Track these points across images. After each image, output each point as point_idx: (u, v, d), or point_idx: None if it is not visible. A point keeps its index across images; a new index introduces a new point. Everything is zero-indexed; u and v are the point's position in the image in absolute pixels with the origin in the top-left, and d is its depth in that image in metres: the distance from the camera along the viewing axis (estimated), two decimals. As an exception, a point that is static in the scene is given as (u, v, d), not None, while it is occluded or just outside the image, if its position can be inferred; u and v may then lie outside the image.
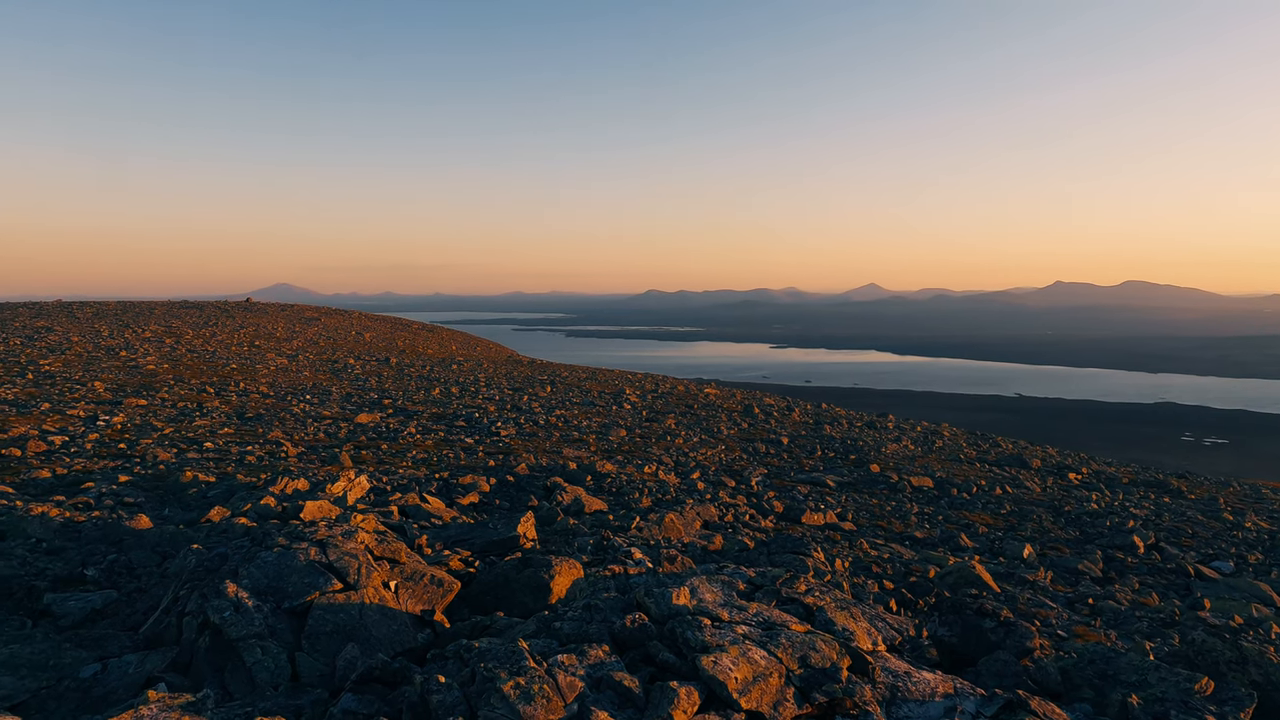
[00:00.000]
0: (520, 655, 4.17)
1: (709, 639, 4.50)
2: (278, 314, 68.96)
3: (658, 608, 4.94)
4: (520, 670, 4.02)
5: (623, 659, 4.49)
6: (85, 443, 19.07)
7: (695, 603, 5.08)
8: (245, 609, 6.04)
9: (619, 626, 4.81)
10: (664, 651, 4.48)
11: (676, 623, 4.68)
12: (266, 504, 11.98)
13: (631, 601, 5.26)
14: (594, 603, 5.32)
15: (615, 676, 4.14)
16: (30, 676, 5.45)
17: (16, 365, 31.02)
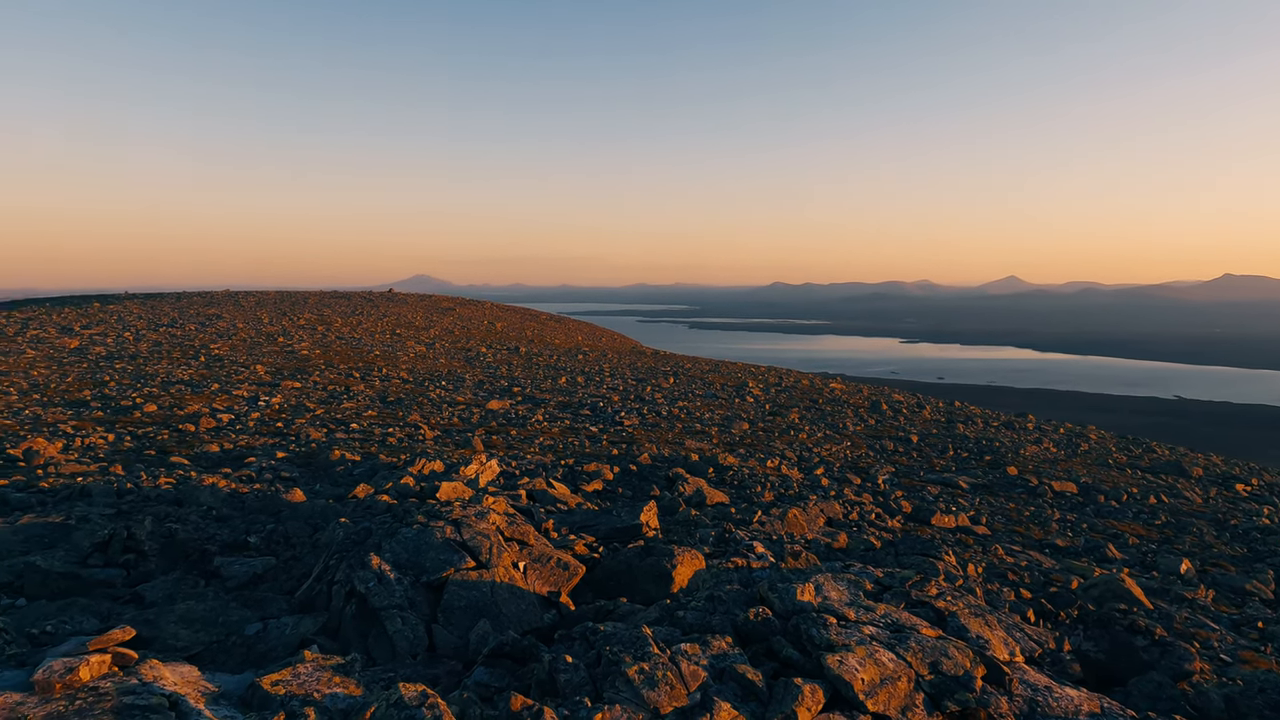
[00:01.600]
0: (645, 641, 4.24)
1: (834, 637, 4.42)
2: (417, 304, 72.67)
3: (781, 603, 4.90)
4: (644, 656, 4.09)
5: (745, 652, 4.48)
6: (248, 420, 20.79)
7: (820, 600, 4.99)
8: (387, 581, 6.43)
9: (742, 619, 4.80)
10: (788, 647, 4.44)
11: (801, 619, 4.62)
12: (406, 483, 12.67)
13: (755, 595, 5.23)
14: (717, 594, 5.33)
15: (738, 669, 4.14)
16: (203, 631, 6.02)
17: (191, 349, 34.16)
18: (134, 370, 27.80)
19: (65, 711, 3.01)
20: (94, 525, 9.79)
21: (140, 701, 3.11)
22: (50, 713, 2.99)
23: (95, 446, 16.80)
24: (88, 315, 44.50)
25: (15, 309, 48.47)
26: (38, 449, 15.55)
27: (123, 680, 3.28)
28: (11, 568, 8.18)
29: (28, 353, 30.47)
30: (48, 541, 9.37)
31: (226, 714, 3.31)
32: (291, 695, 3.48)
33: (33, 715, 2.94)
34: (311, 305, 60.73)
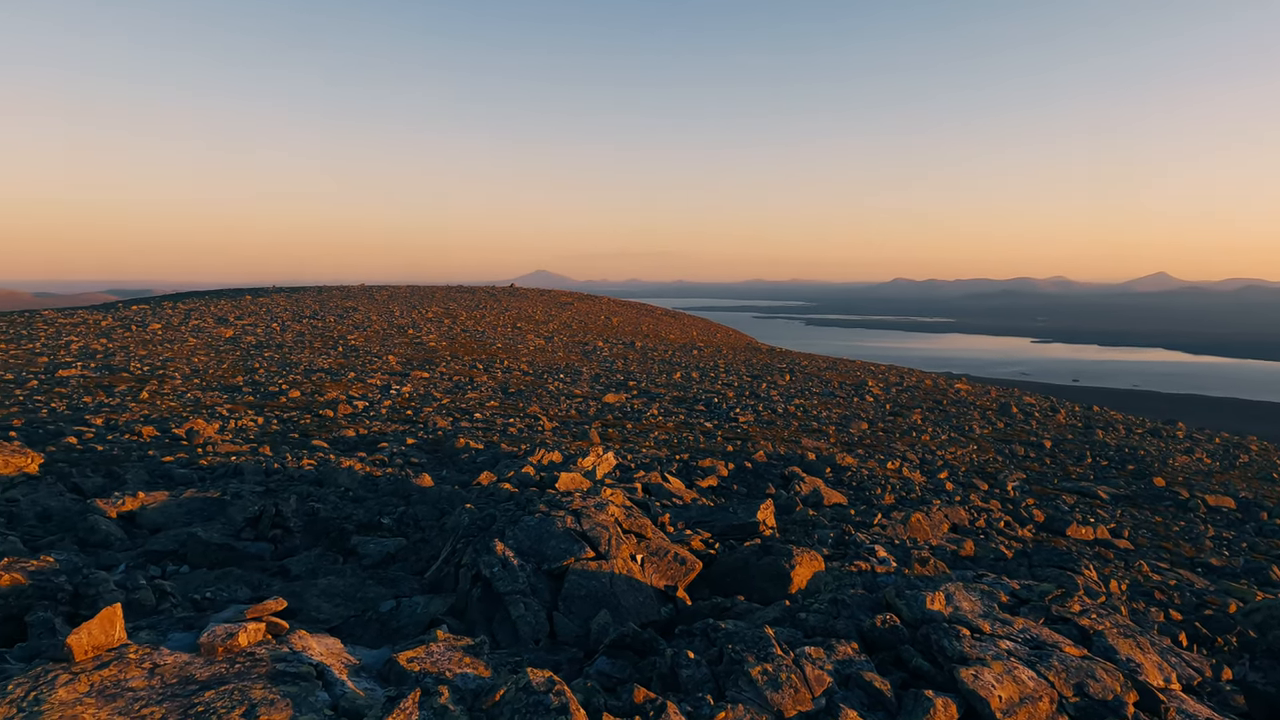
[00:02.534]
0: (767, 642, 4.17)
1: (968, 650, 4.20)
2: (537, 299, 74.64)
3: (909, 611, 4.71)
4: (767, 656, 4.02)
5: (872, 659, 4.34)
6: (381, 408, 21.93)
7: (951, 610, 4.77)
8: (511, 567, 6.61)
9: (868, 625, 4.64)
10: (917, 657, 4.26)
11: (931, 629, 4.42)
12: (526, 472, 13.02)
13: (880, 601, 5.05)
14: (840, 598, 5.18)
15: (865, 676, 4.01)
16: (343, 605, 6.38)
17: (330, 339, 36.34)
18: (280, 359, 29.83)
19: (226, 674, 3.26)
20: (246, 501, 10.56)
21: (291, 669, 3.32)
22: (213, 674, 3.24)
23: (246, 428, 18.14)
24: (240, 307, 48.12)
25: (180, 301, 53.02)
26: (198, 429, 16.94)
27: (275, 648, 3.52)
28: (176, 537, 8.94)
29: (189, 341, 33.24)
30: (206, 515, 10.19)
31: (366, 686, 3.48)
32: (425, 672, 3.63)
33: (199, 674, 3.20)
34: (439, 299, 63.43)
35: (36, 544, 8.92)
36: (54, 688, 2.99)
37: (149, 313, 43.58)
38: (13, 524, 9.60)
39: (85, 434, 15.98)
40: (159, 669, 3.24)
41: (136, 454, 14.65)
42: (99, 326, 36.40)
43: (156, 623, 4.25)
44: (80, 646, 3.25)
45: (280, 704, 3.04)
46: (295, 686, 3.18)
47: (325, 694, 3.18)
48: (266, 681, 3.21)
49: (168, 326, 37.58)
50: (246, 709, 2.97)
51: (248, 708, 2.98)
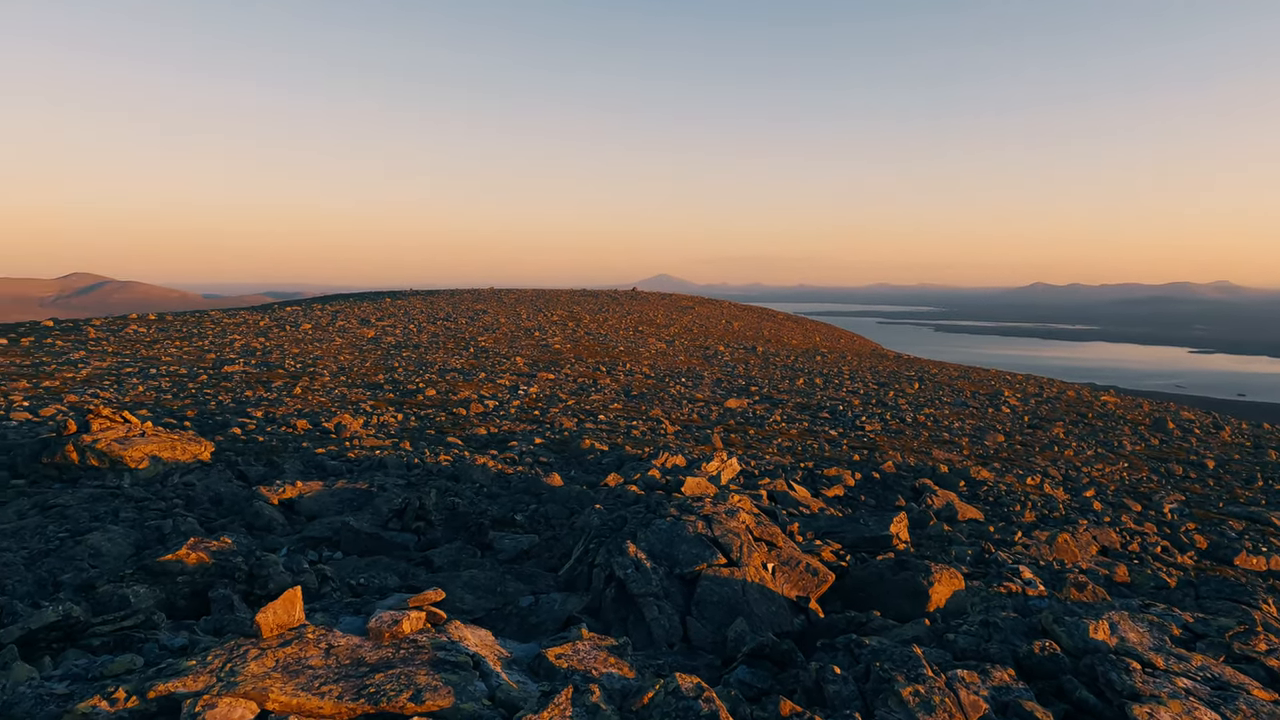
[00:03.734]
0: (917, 661, 4.03)
1: (1139, 685, 3.91)
2: (658, 302, 75.24)
3: (1070, 639, 4.42)
4: (918, 677, 3.88)
5: (1030, 688, 4.10)
6: (510, 408, 22.69)
7: (1117, 641, 4.45)
8: (644, 569, 6.68)
9: (1024, 652, 4.40)
10: (1081, 689, 4.00)
11: (1096, 660, 4.14)
12: (652, 475, 13.14)
13: (1036, 626, 4.78)
14: (991, 620, 4.94)
15: (1025, 705, 3.80)
16: (485, 598, 6.64)
17: (463, 340, 37.94)
18: (417, 358, 31.37)
19: (392, 658, 3.46)
20: (390, 494, 11.17)
21: (450, 658, 3.49)
22: (381, 658, 3.46)
23: (387, 424, 19.18)
24: (381, 309, 50.97)
25: (327, 303, 56.72)
26: (345, 424, 18.06)
27: (435, 637, 3.71)
28: (330, 525, 9.56)
29: (336, 340, 35.49)
30: (356, 505, 10.84)
31: (519, 679, 3.61)
32: (573, 670, 3.73)
33: (369, 657, 3.42)
34: (563, 302, 65.02)
35: (211, 526, 9.75)
36: (246, 661, 3.27)
37: (300, 314, 46.82)
38: (190, 506, 10.54)
39: (248, 425, 17.35)
40: (334, 650, 3.48)
41: (292, 445, 15.76)
42: (257, 326, 39.43)
43: (328, 605, 4.57)
44: (267, 624, 3.54)
45: (443, 691, 3.19)
46: (455, 675, 3.33)
47: (483, 684, 3.32)
48: (429, 668, 3.38)
49: (317, 327, 40.26)
50: (413, 693, 3.15)
51: (414, 692, 3.15)
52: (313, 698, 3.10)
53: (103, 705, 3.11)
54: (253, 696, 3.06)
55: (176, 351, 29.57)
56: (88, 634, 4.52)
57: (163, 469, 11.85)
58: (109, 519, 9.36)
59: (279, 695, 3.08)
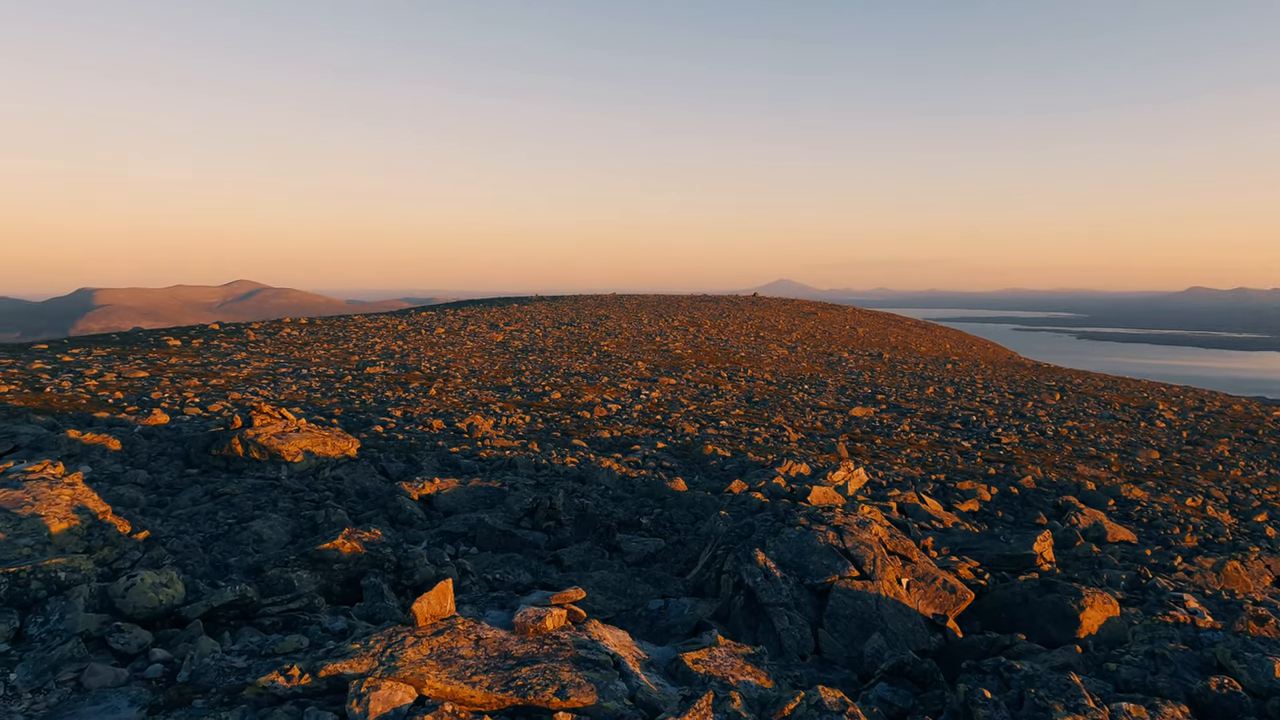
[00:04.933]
0: (1076, 690, 3.79)
1: (1337, 734, 3.53)
2: (779, 308, 74.27)
3: (1253, 677, 4.04)
4: (1078, 708, 3.65)
5: (1206, 727, 3.78)
6: (632, 412, 22.97)
7: (1307, 682, 4.03)
8: (773, 578, 6.61)
9: (1199, 688, 4.05)
10: (1268, 734, 3.64)
11: (1285, 702, 3.76)
12: (777, 483, 12.97)
13: (1210, 661, 4.39)
14: (1158, 651, 4.58)
15: (1200, 746, 3.51)
16: (615, 599, 6.75)
17: (586, 345, 38.74)
18: (543, 362, 32.28)
19: (537, 653, 3.58)
20: (521, 493, 11.54)
21: (591, 656, 3.58)
22: (526, 652, 3.58)
23: (516, 426, 19.83)
24: (508, 314, 52.78)
25: (459, 308, 59.26)
26: (476, 424, 18.80)
27: (576, 635, 3.81)
28: (466, 521, 9.98)
29: (467, 344, 37.02)
30: (489, 502, 11.26)
31: (657, 681, 3.66)
32: (710, 675, 3.74)
33: (515, 651, 3.56)
34: (683, 308, 65.25)
35: (358, 518, 10.38)
36: (404, 648, 3.47)
37: (435, 318, 49.13)
38: (339, 498, 11.26)
39: (389, 424, 18.35)
40: (482, 642, 3.63)
41: (429, 444, 16.55)
42: (396, 330, 41.65)
43: (474, 599, 4.78)
44: (422, 614, 3.75)
45: (586, 688, 3.28)
46: (597, 674, 3.41)
47: (623, 684, 3.39)
48: (572, 665, 3.48)
49: (450, 331, 42.12)
50: (558, 689, 3.24)
51: (559, 688, 3.25)
52: (465, 686, 3.25)
53: (279, 681, 3.38)
54: (411, 681, 3.25)
55: (324, 353, 31.64)
56: (259, 613, 4.91)
57: (315, 463, 12.71)
58: (269, 508, 10.12)
59: (434, 682, 3.25)
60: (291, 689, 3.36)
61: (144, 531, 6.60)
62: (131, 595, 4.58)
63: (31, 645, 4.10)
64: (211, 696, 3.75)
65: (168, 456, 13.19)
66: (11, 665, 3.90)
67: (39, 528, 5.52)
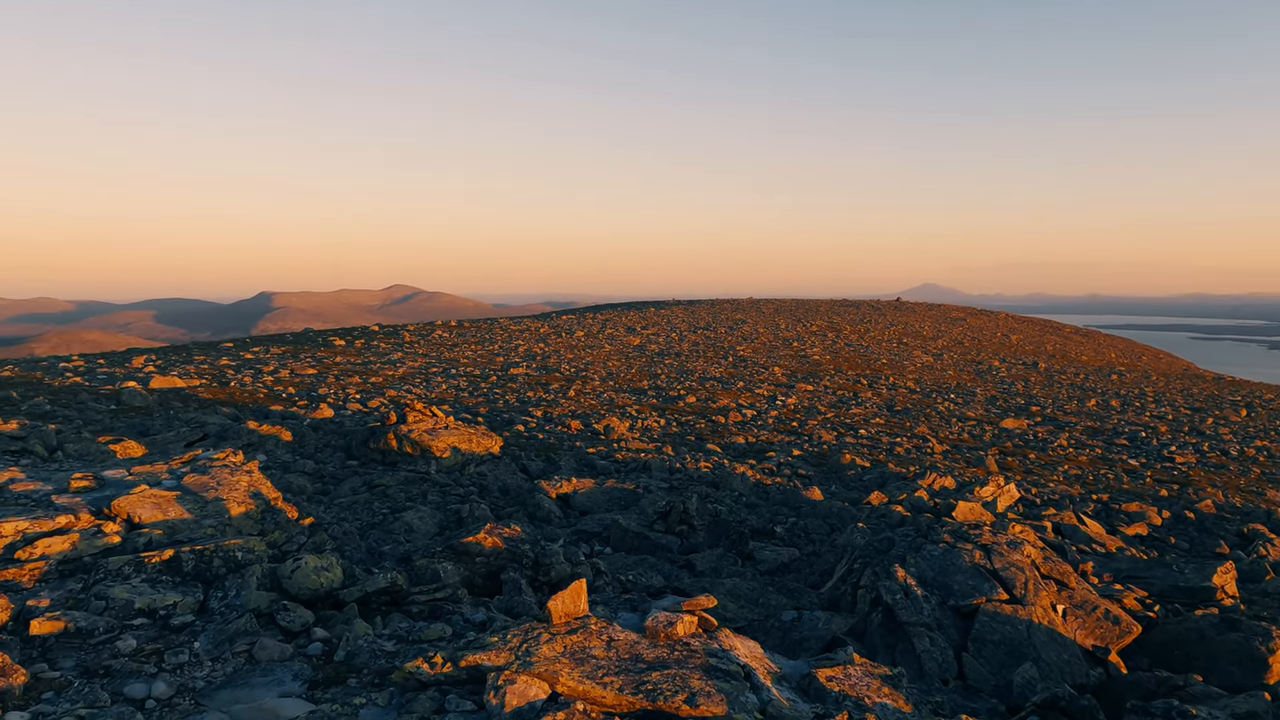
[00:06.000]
0: (1263, 745, 3.40)
1: None
2: (924, 313, 71.24)
3: None
4: (1266, 763, 3.28)
5: None
6: (767, 418, 22.68)
7: None
8: (914, 596, 6.32)
9: None
10: None
11: None
12: (919, 497, 12.43)
13: None
14: (1366, 707, 4.04)
15: None
16: (747, 608, 6.68)
17: (721, 349, 38.63)
18: (678, 366, 32.45)
19: (667, 659, 3.59)
20: (655, 496, 11.63)
21: (722, 666, 3.55)
22: (657, 657, 3.61)
23: (650, 428, 20.03)
24: (645, 318, 53.45)
25: (598, 311, 60.62)
26: (613, 426, 19.13)
27: (707, 642, 3.79)
28: (601, 521, 10.17)
29: (605, 347, 37.77)
30: (623, 504, 11.43)
31: (789, 696, 3.58)
32: (845, 695, 3.62)
33: (645, 654, 3.59)
34: (822, 313, 63.83)
35: (499, 513, 10.80)
36: (539, 644, 3.57)
37: (575, 322, 50.46)
38: (482, 494, 11.75)
39: (529, 423, 19.00)
40: (614, 643, 3.69)
41: (567, 444, 17.01)
42: (538, 333, 43.10)
43: (607, 600, 4.87)
44: (557, 612, 3.85)
45: (716, 697, 3.25)
46: (727, 683, 3.38)
47: (754, 696, 3.34)
48: (702, 673, 3.47)
49: (589, 334, 43.13)
50: (688, 696, 3.24)
51: (689, 695, 3.24)
52: (596, 686, 3.30)
53: (424, 667, 3.57)
54: (545, 678, 3.34)
55: (472, 354, 33.19)
56: (408, 601, 5.20)
57: (461, 459, 13.35)
58: (419, 500, 10.71)
59: (567, 680, 3.33)
60: (434, 676, 3.54)
61: (309, 518, 7.14)
62: (296, 577, 4.97)
63: (212, 617, 4.52)
64: (364, 677, 4.00)
65: (331, 448, 14.23)
66: (195, 635, 4.33)
67: (221, 510, 6.10)
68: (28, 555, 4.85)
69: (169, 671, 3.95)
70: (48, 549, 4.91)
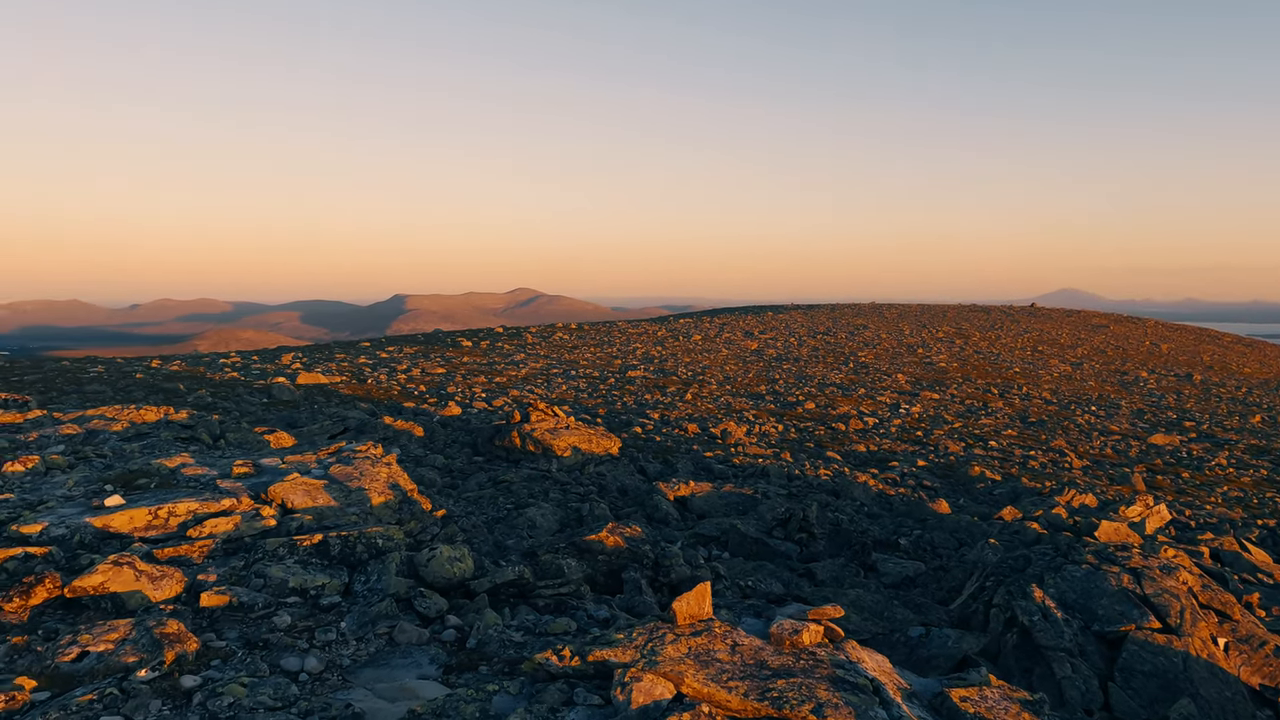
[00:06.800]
0: None
1: None
2: (1062, 320, 67.12)
3: None
4: None
5: None
6: (890, 426, 21.96)
7: None
8: (1053, 619, 5.97)
9: None
10: None
11: None
12: (1057, 514, 11.72)
13: None
14: None
15: None
16: (870, 620, 6.49)
17: (842, 355, 37.73)
18: (796, 371, 31.92)
19: (793, 667, 3.55)
20: (773, 502, 11.48)
21: (849, 678, 3.47)
22: (782, 665, 3.57)
23: (768, 434, 19.80)
24: (763, 322, 52.86)
25: (715, 316, 60.45)
26: (730, 430, 19.03)
27: (833, 653, 3.72)
28: (719, 525, 10.13)
29: (722, 351, 37.63)
30: (741, 509, 11.35)
31: (920, 715, 3.46)
32: (980, 717, 3.46)
33: (770, 661, 3.56)
34: (949, 319, 61.23)
35: (618, 513, 10.94)
36: (664, 644, 3.61)
37: (692, 326, 50.52)
38: (602, 494, 11.94)
39: (647, 425, 19.17)
40: (739, 648, 3.67)
41: (684, 447, 17.06)
42: (655, 336, 43.42)
43: (731, 604, 4.85)
44: (681, 613, 3.88)
45: (843, 710, 3.19)
46: (855, 696, 3.30)
47: (883, 712, 3.24)
48: (829, 684, 3.40)
49: (705, 338, 43.09)
50: (814, 706, 3.18)
51: (815, 705, 3.19)
52: (721, 690, 3.30)
53: (553, 659, 3.67)
54: (670, 678, 3.36)
55: (591, 356, 33.81)
56: (534, 594, 5.35)
57: (581, 458, 13.62)
58: (541, 497, 10.99)
59: (692, 681, 3.34)
60: (562, 669, 3.63)
61: (441, 510, 7.47)
62: (432, 566, 5.21)
63: (356, 600, 4.81)
64: (494, 665, 4.15)
65: (459, 444, 14.84)
66: (341, 615, 4.61)
67: (363, 499, 6.47)
68: (198, 533, 5.30)
69: (319, 648, 4.23)
70: (214, 528, 5.36)
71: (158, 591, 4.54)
